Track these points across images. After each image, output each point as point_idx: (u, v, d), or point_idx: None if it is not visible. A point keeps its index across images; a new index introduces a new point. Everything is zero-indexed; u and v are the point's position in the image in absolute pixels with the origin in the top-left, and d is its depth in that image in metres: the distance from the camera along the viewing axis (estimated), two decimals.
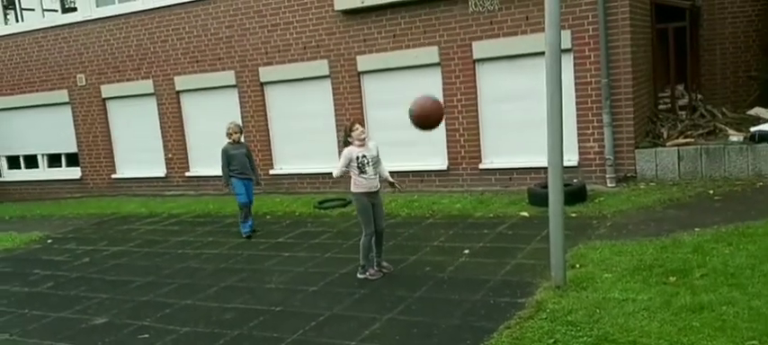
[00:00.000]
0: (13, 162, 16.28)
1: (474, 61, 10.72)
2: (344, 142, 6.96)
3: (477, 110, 10.84)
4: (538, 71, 9.50)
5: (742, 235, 6.70)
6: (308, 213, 10.71)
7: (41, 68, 14.97)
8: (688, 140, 10.03)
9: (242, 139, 9.54)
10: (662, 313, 5.09)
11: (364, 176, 6.72)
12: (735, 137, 9.86)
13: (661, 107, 11.88)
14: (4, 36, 15.37)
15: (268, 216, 10.65)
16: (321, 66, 11.93)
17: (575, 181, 9.60)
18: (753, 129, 9.73)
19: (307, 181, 12.53)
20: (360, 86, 11.74)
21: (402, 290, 6.45)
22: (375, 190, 6.85)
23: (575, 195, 8.98)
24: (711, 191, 8.81)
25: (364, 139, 6.79)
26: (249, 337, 5.72)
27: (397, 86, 11.39)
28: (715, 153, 9.53)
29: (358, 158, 6.72)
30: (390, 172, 7.36)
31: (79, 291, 7.64)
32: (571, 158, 9.90)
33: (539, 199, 9.04)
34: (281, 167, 12.84)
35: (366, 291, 6.57)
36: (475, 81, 10.77)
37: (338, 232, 9.22)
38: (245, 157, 9.33)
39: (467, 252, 7.50)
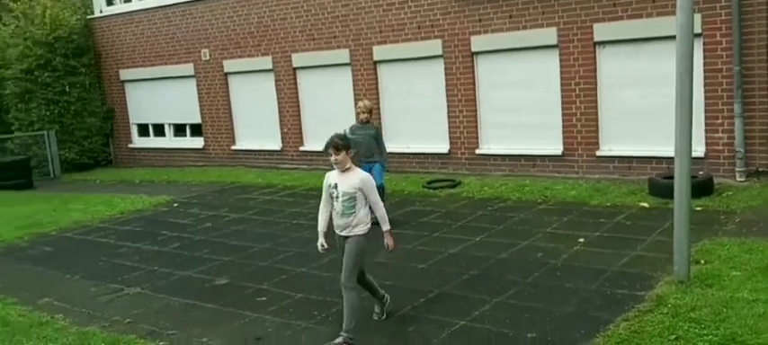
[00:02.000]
0: (143, 130, 17.46)
1: (594, 44, 10.30)
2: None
3: (596, 95, 10.42)
4: (663, 56, 9.08)
5: None
6: (416, 192, 10.78)
7: (170, 42, 15.90)
8: None
9: (371, 119, 8.83)
10: None
11: (334, 211, 5.18)
12: None
13: None
14: (136, 11, 16.46)
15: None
16: (434, 46, 11.90)
17: (700, 172, 9.05)
18: None
19: (416, 160, 12.59)
20: (473, 67, 11.60)
21: (513, 275, 6.36)
22: (340, 233, 5.19)
23: (700, 188, 8.47)
24: None
25: (337, 162, 5.11)
26: (360, 308, 5.84)
27: (512, 68, 11.19)
28: None
29: (329, 186, 5.23)
30: (501, 156, 7.09)
31: (203, 253, 8.12)
32: (697, 149, 9.31)
33: (660, 189, 8.61)
34: (390, 146, 12.91)
35: (475, 273, 6.54)
36: (595, 64, 10.35)
37: (446, 212, 9.22)
38: (372, 139, 8.58)
39: (582, 240, 7.28)
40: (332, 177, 5.22)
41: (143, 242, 8.94)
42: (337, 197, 5.11)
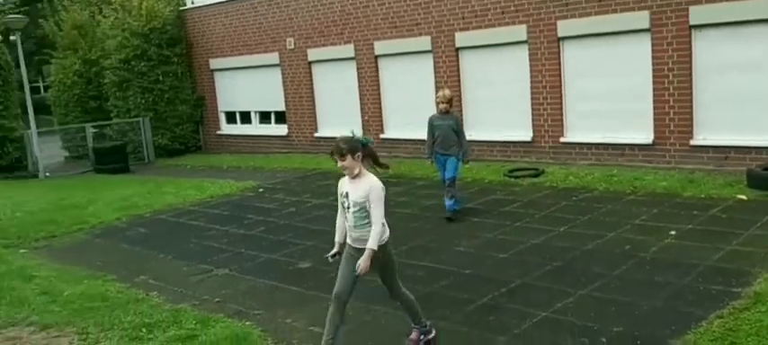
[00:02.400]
0: (231, 117, 18.07)
1: (690, 27, 9.79)
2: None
3: (690, 81, 9.92)
4: (765, 40, 8.52)
5: None
6: (497, 181, 10.63)
7: (256, 32, 16.34)
8: None
9: (451, 109, 8.37)
10: None
11: (347, 223, 4.58)
12: None
13: None
14: (225, 2, 17.00)
15: (457, 182, 10.71)
16: (519, 32, 11.65)
17: None
18: None
19: (497, 148, 12.41)
20: (559, 53, 11.29)
21: (598, 267, 6.17)
22: (354, 245, 4.58)
23: None
24: None
25: (345, 168, 4.47)
26: (439, 295, 5.85)
27: (600, 54, 10.81)
28: None
29: (341, 194, 4.61)
30: (587, 145, 6.84)
31: (287, 237, 8.33)
32: None
33: (760, 181, 8.12)
34: (471, 133, 12.75)
35: (559, 264, 6.38)
36: (690, 49, 9.84)
37: (529, 202, 9.04)
38: (451, 130, 8.18)
39: (673, 233, 6.96)
40: (344, 185, 4.57)
41: (231, 225, 9.27)
42: (348, 207, 4.48)
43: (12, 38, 18.97)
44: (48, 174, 16.54)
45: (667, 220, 7.44)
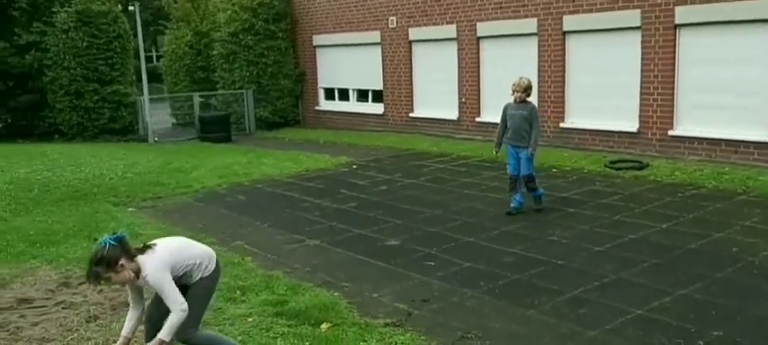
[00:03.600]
0: (329, 94, 18.39)
1: None
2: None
3: None
4: None
5: None
6: (597, 171, 10.24)
7: (360, 10, 16.48)
8: None
9: (529, 99, 7.83)
10: None
11: None
12: None
13: None
14: None
15: (554, 170, 10.43)
16: (633, 17, 11.09)
17: None
18: None
19: (599, 138, 11.93)
20: (674, 40, 10.66)
21: (701, 267, 5.82)
22: None
23: None
24: None
25: (119, 283, 3.89)
26: (528, 283, 5.72)
27: (721, 43, 10.13)
28: None
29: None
30: (698, 139, 6.32)
31: (377, 214, 8.41)
32: None
33: None
34: (573, 121, 12.42)
35: (659, 261, 6.07)
36: None
37: (630, 195, 8.65)
38: (525, 121, 7.68)
39: None
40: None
41: (324, 198, 9.46)
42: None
43: (130, 8, 20.16)
44: (156, 139, 17.51)
45: None
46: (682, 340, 4.48)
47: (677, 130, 10.79)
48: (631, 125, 11.39)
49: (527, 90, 7.74)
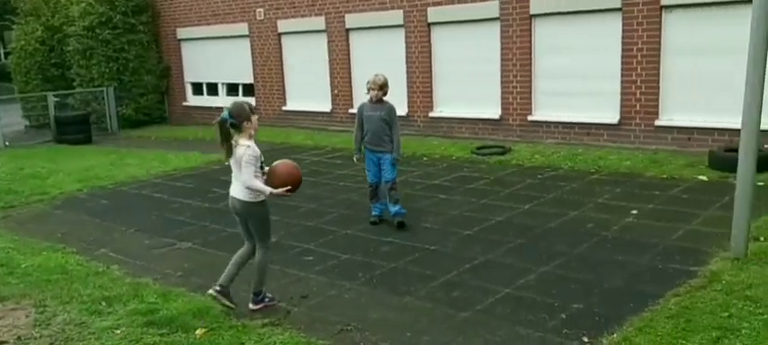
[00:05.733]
0: (197, 88, 17.77)
1: (661, 7, 9.86)
2: (231, 131, 5.00)
3: (658, 62, 10.04)
4: (735, 22, 8.63)
5: None
6: (465, 157, 10.67)
7: (225, 1, 16.02)
8: None
9: (384, 98, 6.99)
10: None
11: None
12: None
13: None
14: None
15: (425, 158, 10.74)
16: (491, 8, 11.63)
17: (766, 146, 8.63)
18: None
19: (465, 125, 12.44)
20: (530, 30, 11.30)
21: (561, 245, 6.25)
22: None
23: (765, 162, 8.07)
24: None
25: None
26: (404, 271, 5.86)
27: (572, 32, 10.86)
28: None
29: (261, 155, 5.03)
30: (554, 123, 6.88)
31: None
32: (766, 121, 8.89)
33: (721, 162, 8.28)
34: (441, 110, 12.85)
35: (523, 241, 6.44)
36: (660, 28, 9.93)
37: (495, 179, 9.09)
38: (383, 122, 6.92)
39: (635, 212, 7.08)
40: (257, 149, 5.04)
41: (195, 198, 9.15)
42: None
43: None
44: (7, 144, 16.11)
45: (629, 200, 7.56)
46: (546, 314, 4.78)
47: (535, 116, 11.48)
48: (494, 112, 11.96)
49: (383, 88, 6.93)
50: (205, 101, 17.50)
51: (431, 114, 12.89)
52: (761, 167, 7.81)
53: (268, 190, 4.92)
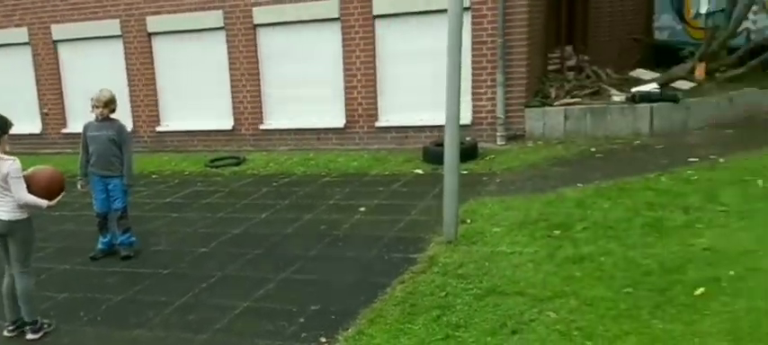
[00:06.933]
0: None
1: (374, 17, 10.59)
2: None
3: (374, 68, 10.77)
4: (436, 28, 9.60)
5: (620, 190, 7.10)
6: (198, 172, 10.34)
7: None
8: (574, 100, 10.47)
9: (113, 116, 6.42)
10: (546, 264, 5.31)
11: None
12: (617, 97, 10.39)
13: (550, 67, 12.31)
14: None
15: (154, 176, 10.18)
16: (215, 17, 11.41)
17: (467, 138, 9.79)
18: (634, 90, 10.29)
19: (197, 138, 12.06)
20: (255, 39, 11.33)
21: (297, 249, 6.36)
22: None
23: (467, 153, 9.15)
24: (594, 149, 9.26)
25: None
26: (134, 301, 5.45)
27: (295, 40, 11.14)
28: (598, 112, 10.00)
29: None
30: (286, 131, 6.92)
31: None
32: (465, 116, 10.07)
33: (433, 156, 9.16)
34: (168, 124, 12.28)
35: (260, 251, 6.42)
36: (374, 37, 10.66)
37: (231, 191, 8.95)
38: (112, 143, 6.31)
39: (362, 209, 7.50)
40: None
41: None
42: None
43: None
44: None
45: (357, 198, 8.00)
46: (285, 322, 4.82)
47: (267, 124, 11.57)
48: (226, 122, 11.78)
49: (109, 104, 6.30)
50: None
51: (158, 129, 12.23)
52: (464, 157, 8.90)
53: (45, 203, 4.58)
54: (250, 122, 11.64)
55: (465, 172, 8.47)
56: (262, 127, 11.57)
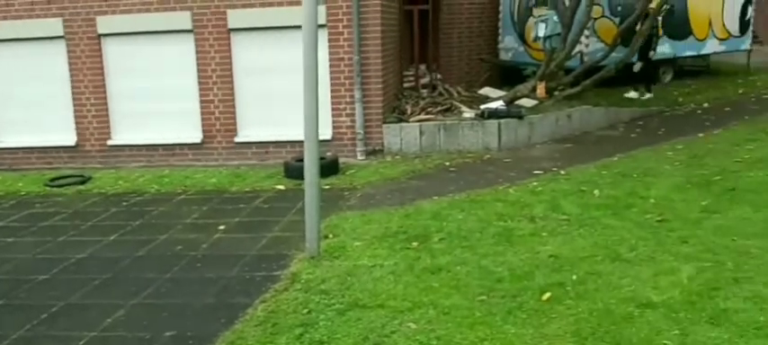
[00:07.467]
0: None
1: (229, 30, 10.35)
2: None
3: (232, 82, 10.50)
4: (293, 44, 9.54)
5: (473, 202, 7.46)
6: (36, 192, 9.51)
7: None
8: (428, 116, 10.87)
9: None
10: (406, 276, 5.45)
11: None
12: (468, 113, 10.93)
13: (406, 85, 12.72)
14: None
15: None
16: (54, 26, 10.58)
17: (328, 154, 9.83)
18: (483, 107, 10.89)
19: (35, 155, 11.08)
20: (101, 50, 10.64)
21: (151, 272, 6.02)
22: None
23: (328, 168, 9.20)
24: (448, 163, 9.67)
25: None
26: None
27: (145, 53, 10.61)
28: (451, 128, 10.46)
29: None
30: (137, 146, 6.59)
31: None
32: (325, 132, 10.10)
33: (294, 172, 9.10)
34: (2, 140, 11.19)
35: (108, 276, 6.01)
36: (230, 51, 10.41)
37: (75, 212, 8.31)
38: None
39: (222, 227, 7.27)
40: None
41: None
42: None
43: None
44: None
45: (217, 216, 7.74)
46: None
47: (116, 139, 10.89)
48: (69, 138, 10.94)
49: None
50: None
51: None
52: (325, 172, 8.94)
53: None
54: (96, 138, 10.89)
55: (327, 188, 8.51)
56: (109, 142, 10.86)
